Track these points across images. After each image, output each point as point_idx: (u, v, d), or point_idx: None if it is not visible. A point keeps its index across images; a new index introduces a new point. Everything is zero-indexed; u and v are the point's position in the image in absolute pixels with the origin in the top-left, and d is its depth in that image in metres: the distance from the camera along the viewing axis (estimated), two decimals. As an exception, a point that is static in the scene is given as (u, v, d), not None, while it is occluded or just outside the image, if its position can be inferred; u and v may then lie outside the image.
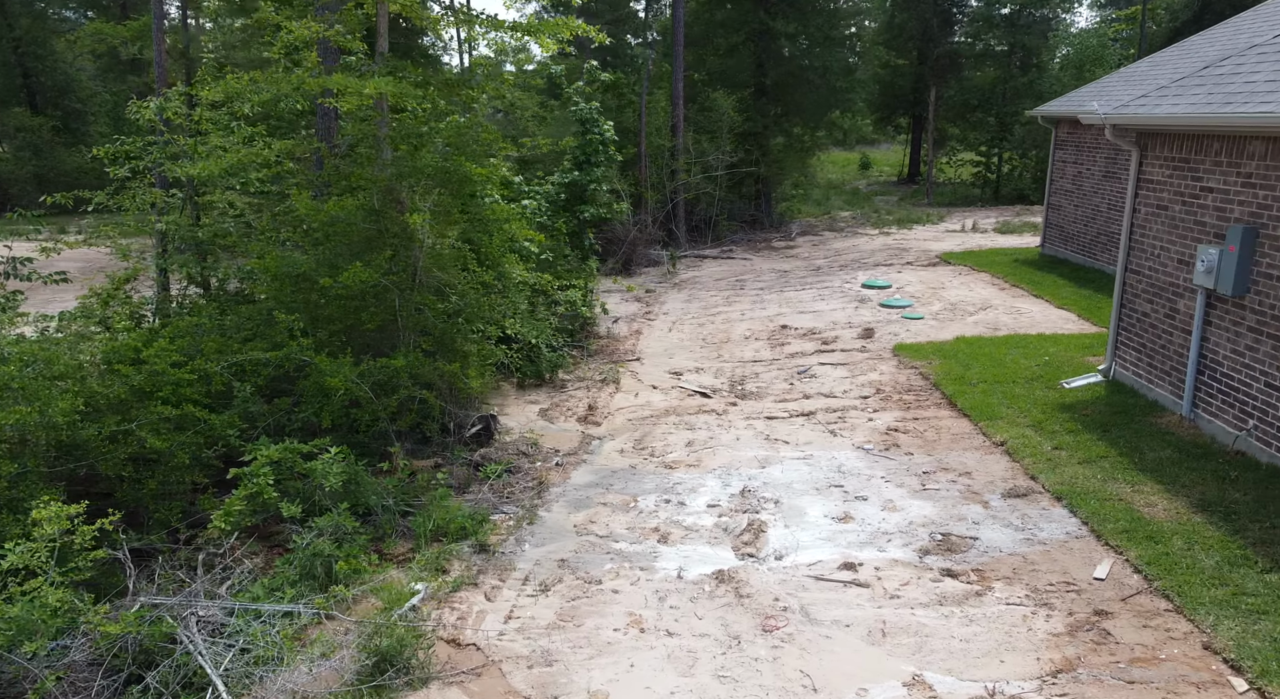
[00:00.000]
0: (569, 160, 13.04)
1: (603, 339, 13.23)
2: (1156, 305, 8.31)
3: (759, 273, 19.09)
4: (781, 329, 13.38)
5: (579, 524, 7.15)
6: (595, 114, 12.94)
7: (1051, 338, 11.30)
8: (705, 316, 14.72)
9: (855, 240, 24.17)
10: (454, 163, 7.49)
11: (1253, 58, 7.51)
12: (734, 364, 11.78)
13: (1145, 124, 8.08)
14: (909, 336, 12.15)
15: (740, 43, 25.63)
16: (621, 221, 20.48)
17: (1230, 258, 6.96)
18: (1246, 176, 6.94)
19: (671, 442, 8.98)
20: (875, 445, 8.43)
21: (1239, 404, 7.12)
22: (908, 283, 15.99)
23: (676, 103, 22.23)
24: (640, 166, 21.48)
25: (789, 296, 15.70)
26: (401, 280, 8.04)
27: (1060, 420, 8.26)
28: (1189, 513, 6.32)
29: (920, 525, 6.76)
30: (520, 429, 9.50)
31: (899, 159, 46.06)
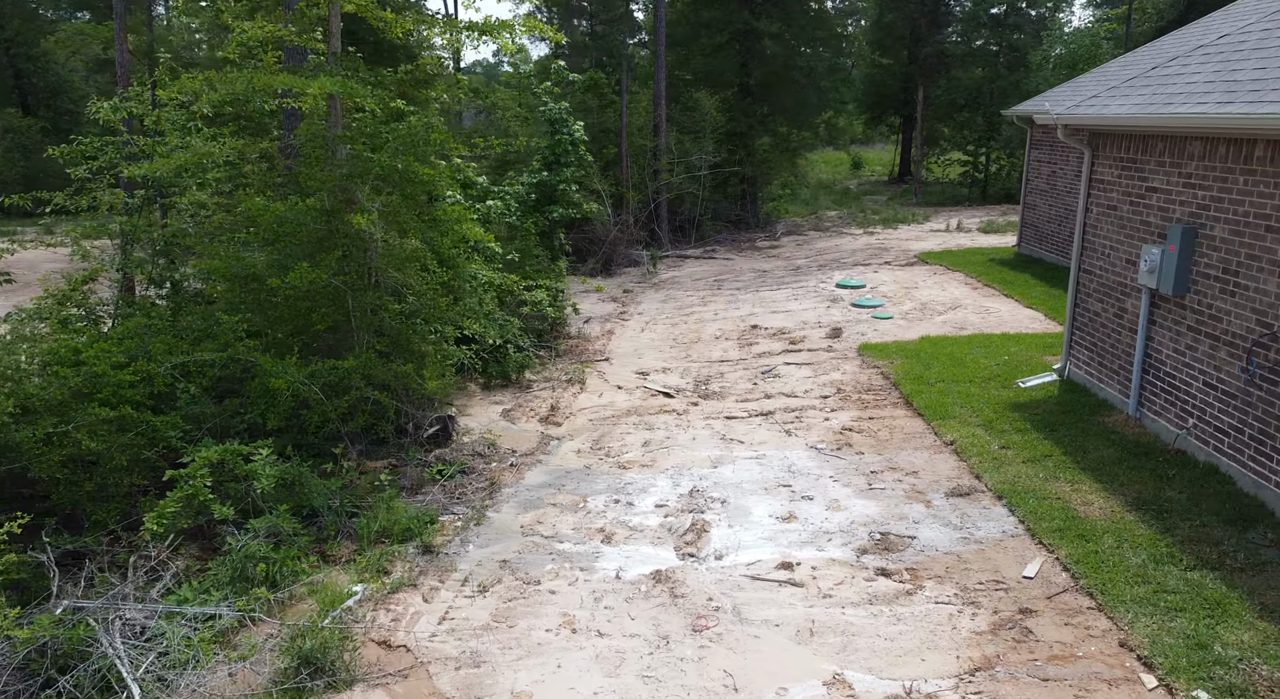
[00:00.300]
0: (538, 161, 13.07)
1: (573, 339, 13.27)
2: (1107, 305, 8.35)
3: (738, 273, 19.13)
4: (752, 329, 13.42)
5: (526, 525, 7.19)
6: (564, 114, 12.98)
7: (1015, 337, 11.34)
8: (679, 317, 14.76)
9: (839, 240, 24.21)
10: (404, 163, 7.53)
11: (1197, 58, 7.54)
12: (701, 364, 11.82)
13: (1094, 124, 8.12)
14: (876, 336, 12.19)
15: (725, 43, 25.66)
16: (601, 222, 20.53)
17: (1171, 258, 7.00)
18: (1187, 177, 6.97)
19: (629, 442, 9.02)
20: (828, 445, 8.47)
21: (1180, 403, 7.17)
22: (882, 282, 16.04)
23: (659, 102, 22.26)
24: (622, 166, 21.52)
25: (764, 296, 15.74)
26: (354, 281, 8.08)
27: (1011, 419, 8.30)
28: (1123, 511, 6.36)
29: (862, 525, 6.80)
30: (480, 430, 9.54)
31: (891, 159, 46.12)
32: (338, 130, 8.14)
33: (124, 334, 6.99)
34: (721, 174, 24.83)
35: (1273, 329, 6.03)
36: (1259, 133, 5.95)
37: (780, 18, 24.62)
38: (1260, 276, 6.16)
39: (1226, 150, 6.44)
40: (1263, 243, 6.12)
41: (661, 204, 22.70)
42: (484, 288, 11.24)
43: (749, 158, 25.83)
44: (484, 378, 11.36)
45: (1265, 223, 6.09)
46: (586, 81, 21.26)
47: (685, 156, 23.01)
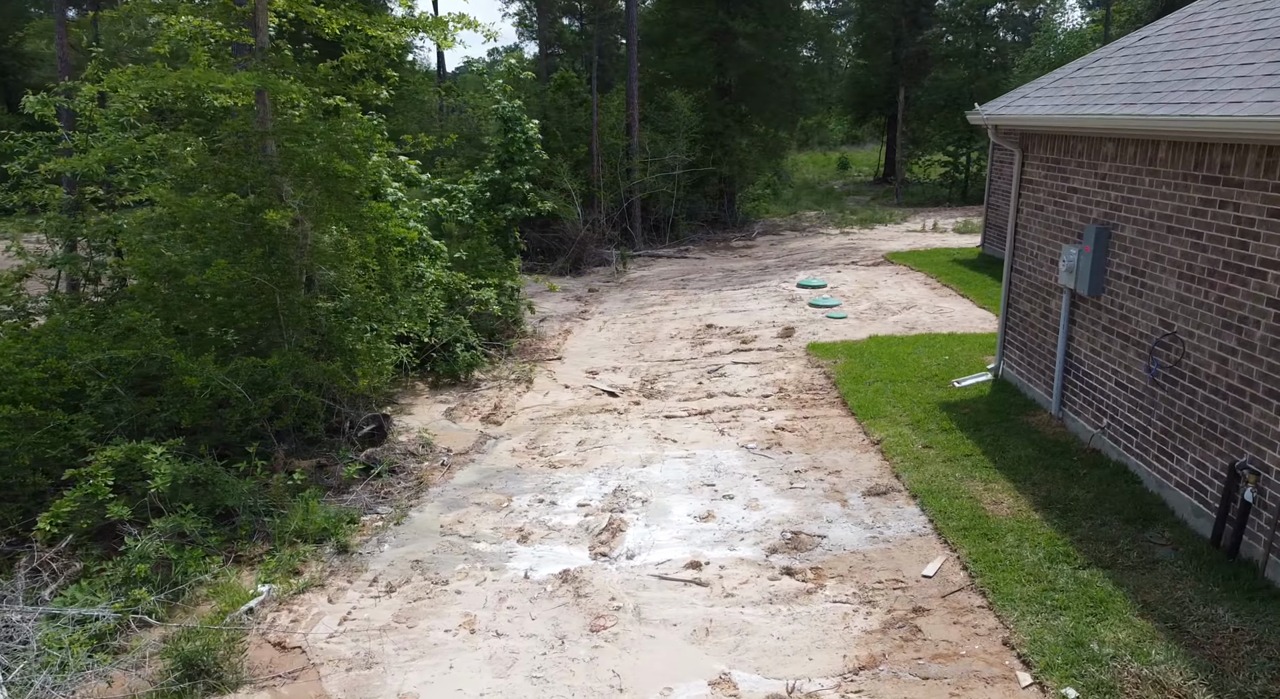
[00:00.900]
0: (491, 159, 13.07)
1: (527, 338, 13.28)
2: (1035, 305, 8.39)
3: (707, 272, 19.16)
4: (707, 328, 13.44)
5: (446, 524, 7.20)
6: (518, 112, 12.96)
7: (961, 337, 11.38)
8: (639, 316, 14.77)
9: (813, 240, 24.25)
10: (325, 159, 7.52)
11: (1116, 59, 7.57)
12: (651, 364, 11.84)
13: (1018, 124, 8.15)
14: (826, 336, 12.21)
15: (701, 42, 25.68)
16: (571, 220, 20.55)
17: (1086, 258, 7.03)
18: (1102, 178, 7.00)
19: (565, 441, 9.03)
20: (759, 444, 8.49)
21: (1096, 403, 7.20)
22: (844, 282, 16.07)
23: (631, 101, 22.27)
24: (593, 165, 21.53)
25: (725, 296, 15.77)
26: (282, 278, 8.08)
27: (939, 419, 8.33)
28: (1030, 510, 6.39)
29: (776, 524, 6.82)
30: (420, 428, 9.54)
31: (876, 158, 46.17)
32: (267, 126, 8.13)
33: (41, 332, 6.98)
34: (699, 173, 24.85)
35: (1173, 329, 6.06)
36: (1159, 134, 5.98)
37: (757, 18, 24.64)
38: (1163, 277, 6.19)
39: (1134, 152, 6.47)
40: (1165, 243, 6.15)
41: (635, 203, 22.71)
42: (432, 286, 11.26)
43: (726, 157, 25.86)
44: (432, 376, 11.38)
45: (1167, 223, 6.12)
46: (558, 80, 21.26)
47: (659, 156, 23.03)
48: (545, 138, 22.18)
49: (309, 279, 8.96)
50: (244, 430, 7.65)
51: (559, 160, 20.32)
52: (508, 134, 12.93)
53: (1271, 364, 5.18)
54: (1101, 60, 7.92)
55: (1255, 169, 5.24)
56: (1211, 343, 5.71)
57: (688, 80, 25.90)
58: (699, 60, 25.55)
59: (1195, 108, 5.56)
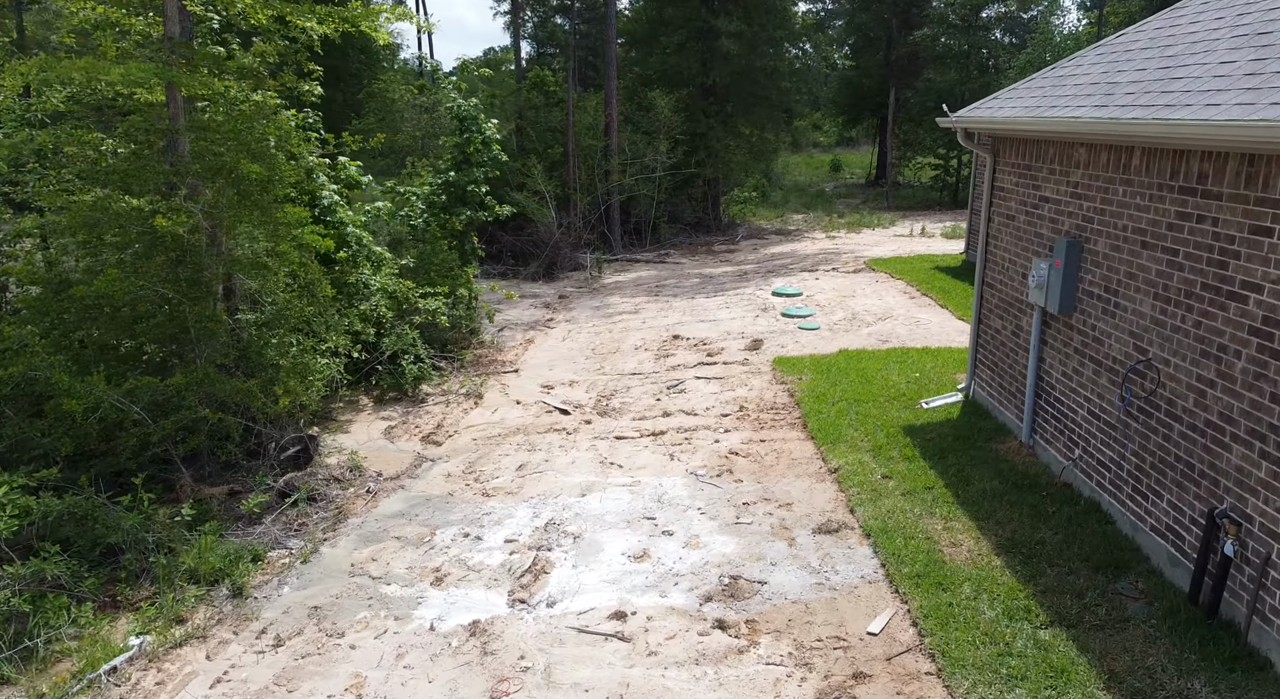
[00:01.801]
0: (447, 160, 12.46)
1: (484, 348, 12.66)
2: (1006, 322, 7.79)
3: (683, 278, 18.55)
4: (674, 339, 12.83)
5: (358, 562, 6.59)
6: (474, 111, 12.35)
7: (935, 352, 10.77)
8: (606, 325, 14.17)
9: (797, 244, 23.66)
10: (234, 160, 6.90)
11: (1091, 58, 6.98)
12: (611, 378, 11.23)
13: (990, 128, 7.56)
14: (794, 349, 11.61)
15: (685, 41, 25.09)
16: (545, 223, 19.94)
17: (1057, 273, 6.43)
18: (1074, 186, 6.41)
19: (505, 465, 8.43)
20: (709, 471, 7.88)
21: (1068, 432, 6.60)
22: (821, 291, 15.47)
23: (609, 101, 21.66)
24: (569, 167, 20.93)
25: (697, 304, 15.16)
26: (191, 289, 7.46)
27: (902, 445, 7.72)
28: (991, 554, 5.79)
29: (716, 566, 6.21)
30: (352, 449, 8.93)
31: (869, 160, 45.62)
32: (178, 122, 7.51)
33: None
34: (683, 175, 24.26)
35: (1147, 355, 5.47)
36: (1131, 140, 5.39)
37: (741, 16, 24.04)
38: (1136, 297, 5.60)
39: (1107, 158, 5.88)
40: (1139, 260, 5.56)
41: (613, 206, 22.10)
42: (378, 295, 10.65)
43: (710, 160, 25.27)
44: (377, 390, 10.77)
45: (1141, 238, 5.53)
46: (533, 79, 20.66)
47: (639, 157, 22.43)
48: (519, 138, 21.62)
49: (228, 289, 8.35)
50: (142, 456, 7.03)
51: (532, 161, 19.73)
52: (463, 134, 12.31)
53: (1254, 400, 4.59)
54: (1077, 60, 7.33)
55: (1235, 179, 4.65)
56: (1189, 373, 5.12)
57: (671, 80, 25.32)
58: (683, 60, 24.95)
59: (1170, 111, 4.97)
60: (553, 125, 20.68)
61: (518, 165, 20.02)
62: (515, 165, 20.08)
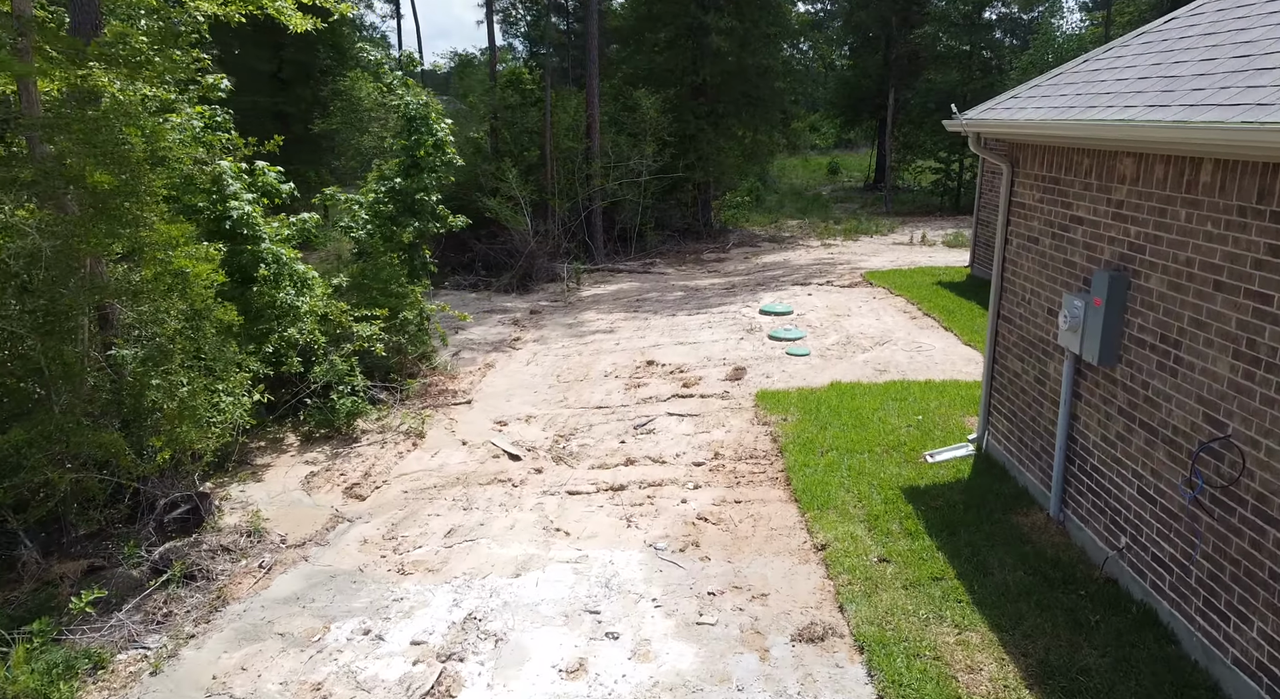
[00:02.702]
0: (395, 165, 11.18)
1: (436, 375, 11.36)
2: (1028, 365, 6.50)
3: (667, 291, 17.26)
4: (648, 365, 11.53)
5: (222, 674, 5.29)
6: (424, 111, 11.05)
7: (940, 387, 9.47)
8: (576, 346, 12.87)
9: (791, 253, 22.39)
10: (78, 168, 5.62)
11: (1136, 47, 5.70)
12: (575, 411, 9.93)
13: (1008, 132, 6.28)
14: (781, 380, 10.31)
15: (675, 38, 23.82)
16: (520, 231, 18.65)
17: (1096, 314, 5.15)
18: (1117, 206, 5.13)
19: (433, 528, 7.13)
20: (671, 543, 6.59)
21: (1110, 512, 5.32)
22: (812, 309, 14.17)
23: (591, 101, 20.36)
24: (546, 171, 19.63)
25: (678, 322, 13.85)
26: (44, 321, 6.17)
27: (902, 514, 6.43)
28: (1020, 687, 4.49)
29: (667, 689, 4.91)
30: (260, 505, 7.64)
31: (868, 163, 44.37)
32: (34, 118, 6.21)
33: None
34: (669, 180, 22.99)
35: (1226, 432, 4.19)
36: (1202, 148, 4.11)
37: (733, 12, 22.77)
38: (1209, 353, 4.32)
39: (1165, 172, 4.60)
40: (1211, 305, 4.28)
41: (594, 212, 20.81)
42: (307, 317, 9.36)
43: (700, 163, 24.00)
44: (308, 426, 9.47)
45: (1214, 277, 4.25)
46: (507, 76, 19.38)
47: (623, 160, 21.15)
48: (495, 139, 20.33)
49: (104, 319, 7.05)
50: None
51: (506, 164, 18.43)
52: (411, 135, 11.02)
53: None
54: (1115, 49, 6.05)
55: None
56: (1286, 460, 3.85)
57: (660, 79, 24.03)
58: (672, 58, 23.68)
59: (1265, 112, 3.69)
60: (529, 126, 19.40)
61: (492, 169, 18.74)
62: (489, 169, 18.81)
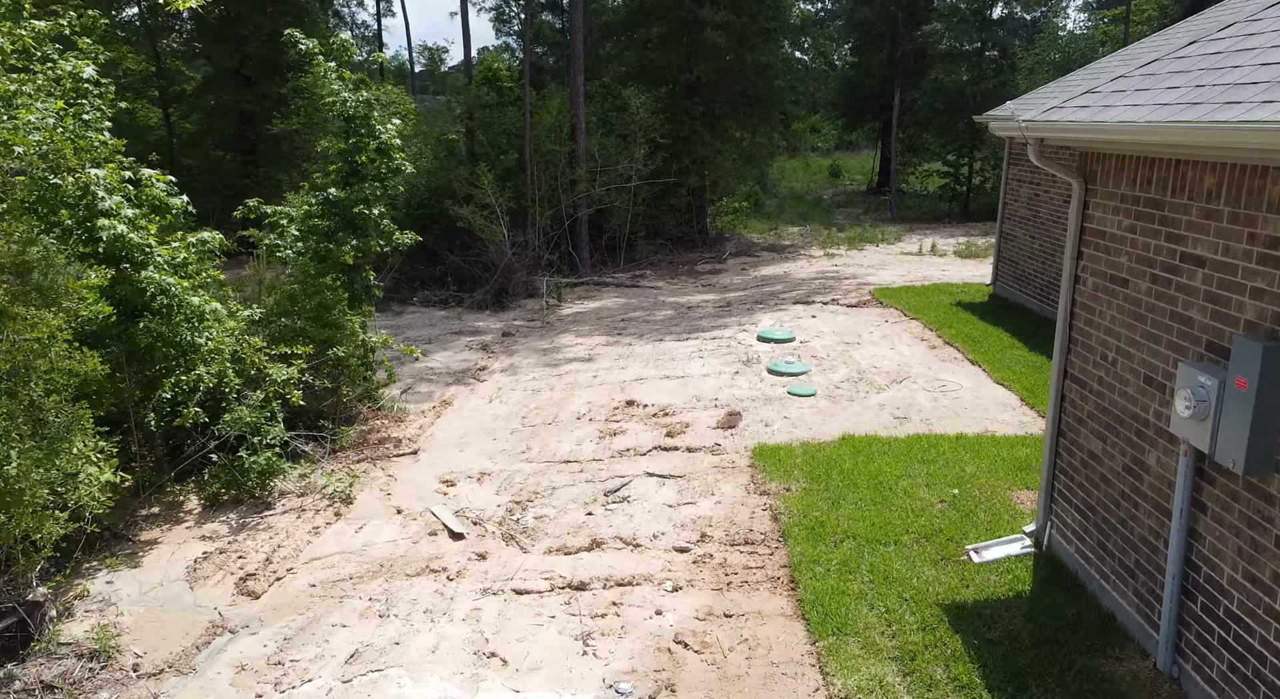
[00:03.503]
0: (333, 172, 9.59)
1: (379, 418, 9.76)
2: (1112, 447, 4.91)
3: (655, 308, 15.66)
4: (627, 406, 9.93)
5: None
6: (364, 109, 9.46)
7: (974, 443, 7.86)
8: (548, 378, 11.27)
9: (792, 264, 20.81)
10: None
11: (1272, 20, 4.11)
12: (538, 466, 8.34)
13: (1084, 139, 4.68)
14: (782, 429, 8.70)
15: (667, 34, 22.25)
16: (495, 243, 17.05)
17: (1239, 400, 3.56)
18: (1270, 245, 3.55)
19: (334, 647, 5.52)
20: (638, 682, 4.98)
21: (1264, 684, 3.71)
22: (818, 334, 12.56)
23: (575, 100, 18.77)
24: (526, 176, 18.03)
25: (665, 350, 12.23)
26: None
27: (948, 652, 4.82)
28: None
29: None
30: (125, 605, 6.04)
31: (871, 165, 42.80)
32: None
33: None
34: (664, 184, 21.42)
35: None
36: None
37: (729, 6, 21.18)
38: None
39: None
40: None
41: (580, 221, 19.22)
42: (219, 357, 7.76)
43: (694, 166, 22.42)
44: (214, 486, 7.87)
45: None
46: (481, 72, 17.79)
47: (611, 164, 19.56)
48: (470, 142, 18.75)
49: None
50: None
51: (481, 169, 16.83)
52: (350, 138, 9.42)
53: None
54: (1237, 25, 4.44)
55: None
56: None
57: (652, 77, 22.47)
58: (664, 54, 22.11)
59: None
60: (508, 127, 17.80)
61: (465, 174, 17.14)
62: (463, 174, 17.21)
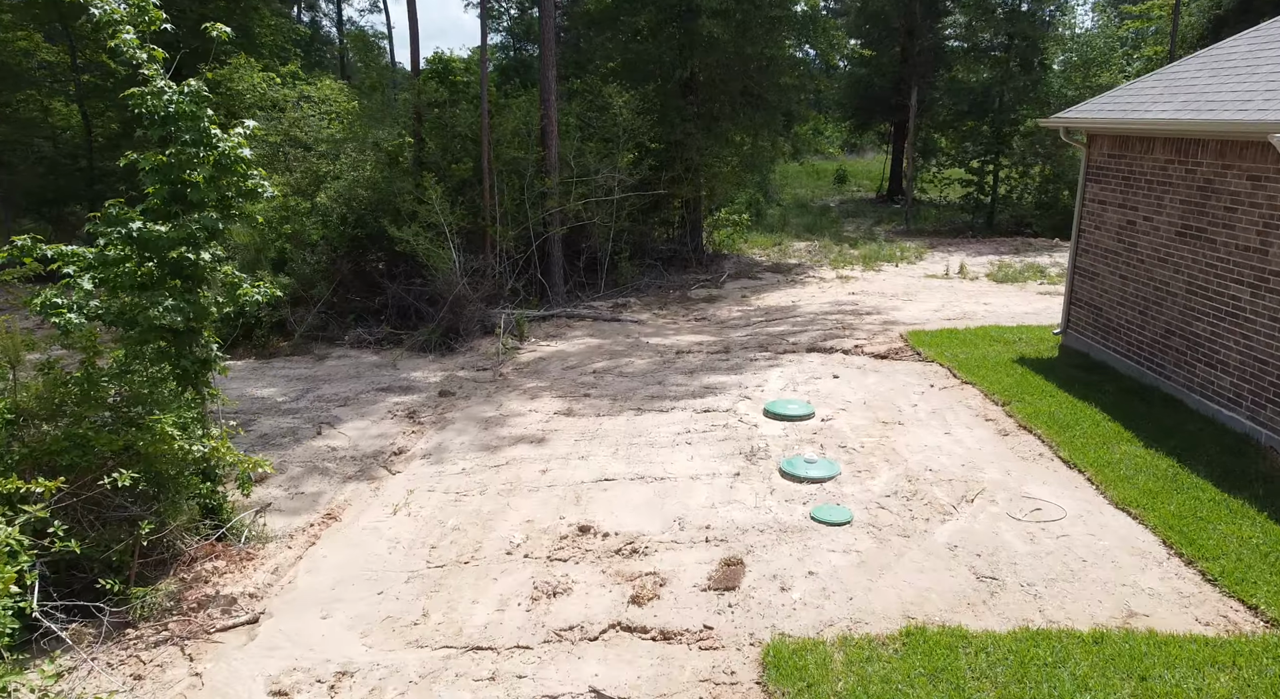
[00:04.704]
0: (153, 197, 6.53)
1: (217, 556, 6.74)
2: None
3: (636, 352, 12.67)
4: (580, 533, 6.91)
5: None
6: (189, 104, 6.39)
7: (1130, 654, 4.85)
8: (482, 471, 8.27)
9: (801, 291, 17.83)
10: None
11: None
12: (427, 661, 5.35)
13: None
14: (808, 599, 5.69)
15: (657, 23, 19.28)
16: (444, 270, 14.03)
17: None
18: None
19: None
20: None
21: None
22: (843, 405, 9.54)
23: (546, 98, 15.76)
24: (484, 189, 15.01)
25: (641, 428, 9.20)
26: None
27: None
28: None
29: None
30: None
31: (879, 170, 39.83)
32: None
33: None
34: (653, 196, 18.45)
35: None
36: None
37: (728, -9, 18.23)
38: None
39: None
40: None
41: (551, 241, 16.20)
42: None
43: (689, 175, 19.45)
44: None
45: None
46: (431, 66, 14.77)
47: (588, 175, 16.58)
48: (419, 148, 15.74)
49: None
50: None
51: (428, 180, 13.83)
52: (167, 146, 6.39)
53: None
54: None
55: None
56: None
57: (641, 73, 19.51)
58: (656, 48, 19.14)
59: None
60: (461, 131, 14.78)
61: (409, 186, 14.13)
62: (406, 186, 14.19)
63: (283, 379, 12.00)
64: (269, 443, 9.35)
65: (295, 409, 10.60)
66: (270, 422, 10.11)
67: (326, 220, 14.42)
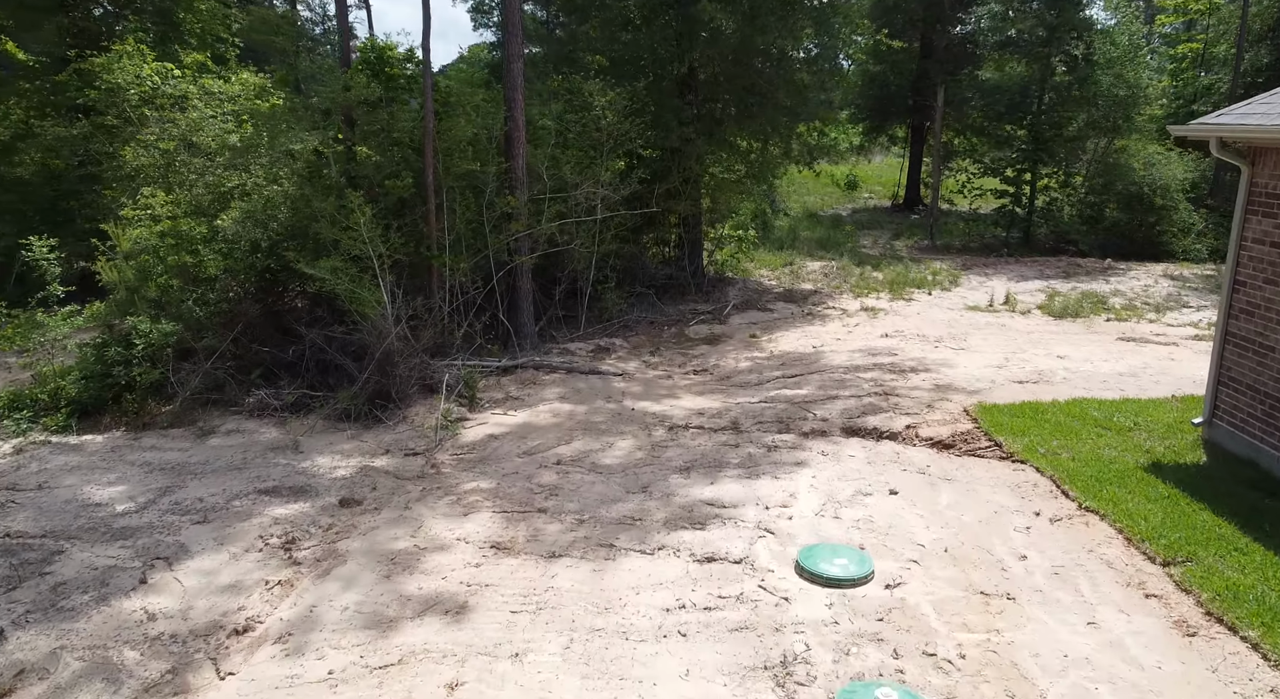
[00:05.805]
0: None
1: None
2: None
3: (614, 429, 9.60)
4: None
5: None
6: None
7: None
8: (358, 681, 5.21)
9: (820, 329, 14.78)
10: None
11: None
12: None
13: None
14: None
15: (650, 10, 16.24)
16: (373, 318, 10.96)
17: None
18: None
19: None
20: None
21: None
22: (913, 556, 6.43)
23: (512, 97, 12.67)
24: (428, 211, 11.93)
25: (610, 597, 6.10)
26: None
27: None
28: None
29: None
30: None
31: (894, 176, 36.73)
32: None
33: None
34: (645, 214, 15.44)
35: None
36: None
37: (732, -28, 15.18)
38: None
39: None
40: None
41: (519, 272, 13.11)
42: None
43: (688, 188, 16.42)
44: None
45: None
46: (362, 57, 11.69)
47: (566, 190, 13.52)
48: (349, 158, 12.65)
49: None
50: None
51: (352, 199, 10.76)
52: None
53: None
54: None
55: None
56: None
57: (632, 68, 16.47)
58: (650, 39, 16.08)
59: None
60: (399, 136, 11.69)
61: (330, 208, 11.04)
62: (325, 209, 11.10)
63: (140, 470, 8.93)
64: (55, 606, 6.29)
65: (132, 529, 7.53)
66: (85, 555, 7.05)
67: (232, 249, 11.34)
